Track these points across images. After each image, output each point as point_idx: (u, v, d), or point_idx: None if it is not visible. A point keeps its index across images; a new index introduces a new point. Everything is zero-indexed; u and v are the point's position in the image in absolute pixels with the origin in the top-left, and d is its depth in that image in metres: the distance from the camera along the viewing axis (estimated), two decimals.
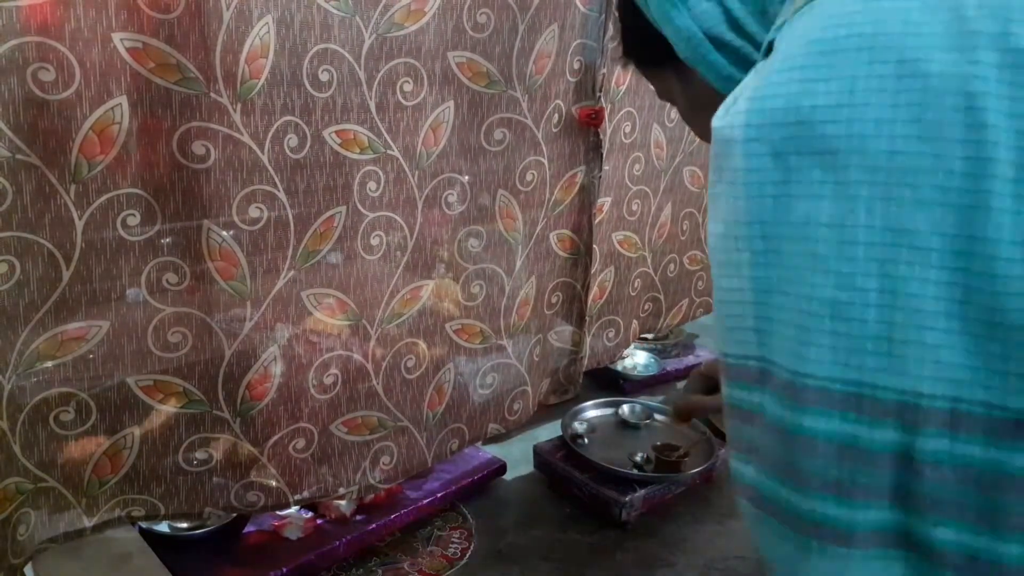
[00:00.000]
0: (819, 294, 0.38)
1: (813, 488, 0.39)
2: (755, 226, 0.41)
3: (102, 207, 0.82)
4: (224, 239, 0.89)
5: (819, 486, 0.39)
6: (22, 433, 0.84)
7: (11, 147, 0.75)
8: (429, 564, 1.14)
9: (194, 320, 0.91)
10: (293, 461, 1.03)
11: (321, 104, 0.92)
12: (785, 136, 0.39)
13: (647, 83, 1.51)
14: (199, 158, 0.85)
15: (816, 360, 0.39)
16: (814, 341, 0.39)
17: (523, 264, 1.22)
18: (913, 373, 0.37)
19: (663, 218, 1.50)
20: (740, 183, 0.41)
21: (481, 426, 1.25)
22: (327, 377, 1.03)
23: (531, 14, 1.08)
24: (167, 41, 0.80)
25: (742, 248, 0.41)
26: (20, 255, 0.79)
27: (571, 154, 1.24)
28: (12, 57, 0.73)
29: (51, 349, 0.84)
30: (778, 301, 0.41)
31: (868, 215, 0.37)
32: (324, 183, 0.95)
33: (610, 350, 1.49)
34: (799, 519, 0.40)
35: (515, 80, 1.10)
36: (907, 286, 0.37)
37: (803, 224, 0.39)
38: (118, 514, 0.94)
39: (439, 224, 1.10)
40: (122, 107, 0.80)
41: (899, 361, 0.37)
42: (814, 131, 0.38)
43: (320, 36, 0.90)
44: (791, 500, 0.40)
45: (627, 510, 1.22)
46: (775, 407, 0.41)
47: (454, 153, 1.08)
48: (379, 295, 1.06)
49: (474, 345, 1.20)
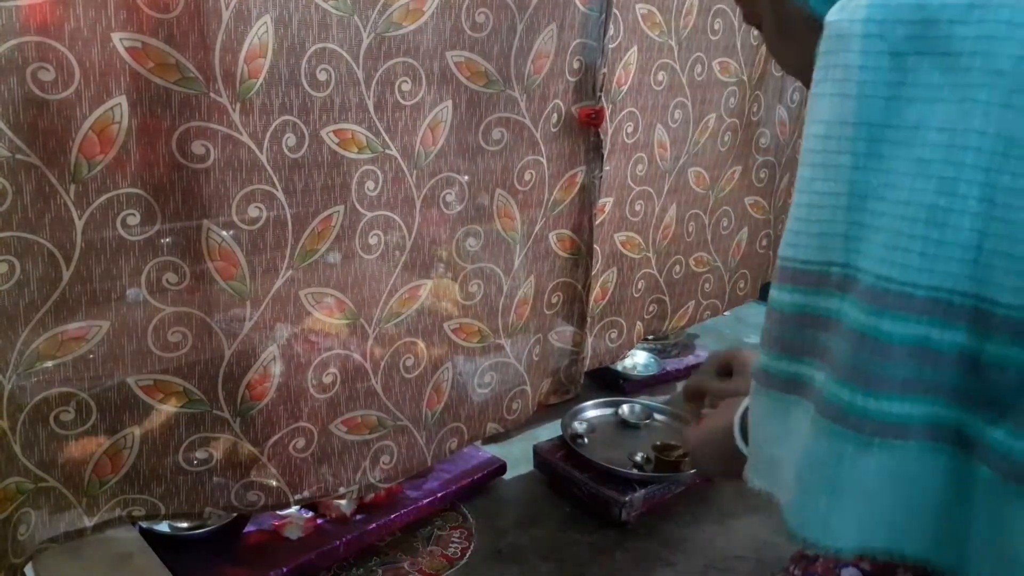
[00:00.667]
0: (918, 199, 0.39)
1: (882, 389, 0.41)
2: (862, 128, 0.41)
3: (102, 207, 0.83)
4: (224, 239, 0.89)
5: (887, 387, 0.41)
6: (22, 433, 0.85)
7: (11, 147, 0.76)
8: (429, 564, 1.14)
9: (194, 320, 0.91)
10: (293, 461, 1.03)
11: (319, 103, 0.92)
12: (908, 35, 0.39)
13: (650, 82, 1.50)
14: (198, 158, 0.85)
15: (902, 264, 0.40)
16: (903, 246, 0.39)
17: (522, 263, 1.22)
18: (996, 283, 0.38)
19: (667, 219, 1.49)
20: (853, 81, 0.41)
21: (480, 425, 1.25)
22: (326, 376, 1.04)
23: (529, 13, 1.08)
24: (166, 41, 0.80)
25: (844, 150, 0.41)
26: (20, 255, 0.79)
27: (571, 154, 1.24)
28: (12, 57, 0.73)
29: (51, 349, 0.84)
30: (873, 207, 0.41)
31: (983, 120, 0.37)
32: (322, 182, 0.96)
33: (613, 351, 1.49)
34: (863, 418, 0.41)
35: (513, 80, 1.10)
36: (1008, 197, 0.37)
37: (913, 128, 0.39)
38: (118, 514, 0.94)
39: (437, 223, 1.10)
40: (122, 107, 0.80)
41: (985, 270, 0.38)
42: (939, 31, 0.38)
43: (318, 35, 0.90)
44: (855, 402, 0.42)
45: (627, 510, 1.23)
46: (856, 313, 0.42)
47: (452, 152, 1.08)
48: (377, 294, 1.06)
49: (472, 344, 1.20)
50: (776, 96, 1.61)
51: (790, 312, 0.45)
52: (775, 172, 1.68)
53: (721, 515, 1.31)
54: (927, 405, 0.41)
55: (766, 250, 1.75)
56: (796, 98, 1.65)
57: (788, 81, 1.62)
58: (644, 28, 1.28)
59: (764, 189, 1.67)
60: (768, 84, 1.58)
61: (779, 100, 1.62)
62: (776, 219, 1.75)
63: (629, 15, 1.24)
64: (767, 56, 1.54)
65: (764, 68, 1.55)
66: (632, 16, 1.25)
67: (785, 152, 1.69)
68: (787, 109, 1.64)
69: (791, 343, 0.46)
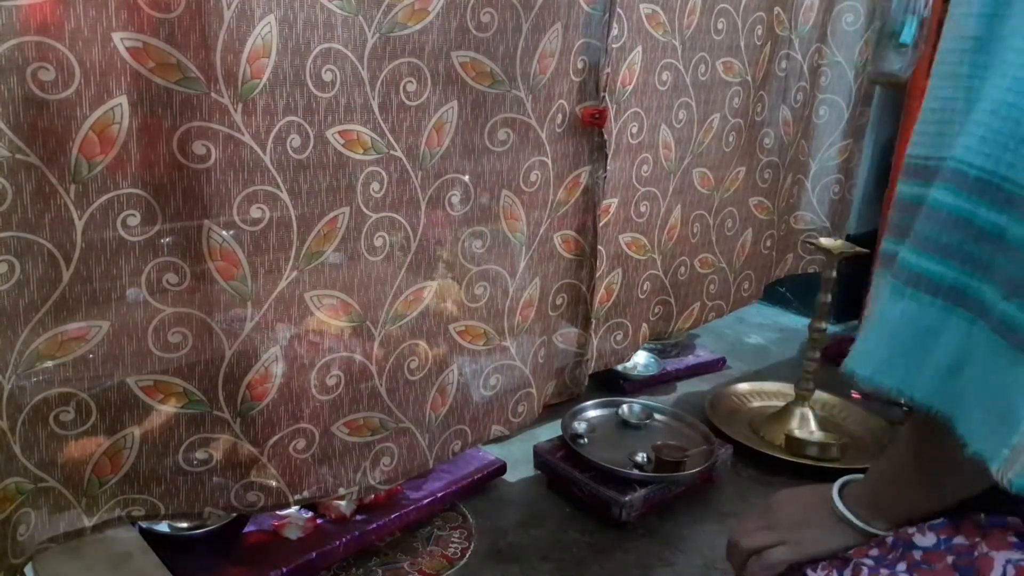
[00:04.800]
0: (993, 94, 0.46)
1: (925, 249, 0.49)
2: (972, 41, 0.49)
3: (102, 207, 0.82)
4: (225, 239, 0.89)
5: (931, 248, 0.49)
6: (22, 433, 0.84)
7: (11, 147, 0.75)
8: (429, 564, 1.14)
9: (194, 320, 0.91)
10: (293, 461, 1.03)
11: (324, 104, 0.91)
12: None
13: (655, 83, 1.49)
14: (199, 158, 0.84)
15: (963, 146, 0.47)
16: (970, 131, 0.47)
17: (527, 265, 1.22)
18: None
19: (672, 220, 1.48)
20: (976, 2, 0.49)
21: (484, 427, 1.25)
22: (329, 378, 1.03)
23: (535, 13, 1.07)
24: (167, 40, 0.79)
25: (965, 61, 0.49)
26: (20, 255, 0.79)
27: (575, 154, 1.24)
28: (12, 57, 0.72)
29: (51, 349, 0.83)
30: (980, 107, 0.48)
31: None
32: (327, 184, 0.95)
33: (618, 352, 1.48)
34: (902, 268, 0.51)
35: (519, 80, 1.09)
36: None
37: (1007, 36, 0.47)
38: (118, 514, 0.94)
39: (442, 225, 1.09)
40: (122, 107, 0.79)
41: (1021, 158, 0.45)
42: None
43: (323, 36, 0.89)
44: (903, 254, 0.51)
45: (627, 510, 1.23)
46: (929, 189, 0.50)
47: (457, 153, 1.07)
48: (382, 296, 1.05)
49: (477, 346, 1.19)
50: (780, 96, 1.60)
51: (908, 200, 0.54)
52: (779, 173, 1.68)
53: (721, 515, 1.31)
54: (956, 271, 0.48)
55: (770, 251, 1.75)
56: (799, 98, 1.64)
57: (791, 81, 1.61)
58: (648, 28, 1.27)
59: (768, 189, 1.67)
60: (772, 84, 1.57)
61: (783, 100, 1.62)
62: (780, 220, 1.74)
63: (633, 15, 1.23)
64: (771, 56, 1.54)
65: (768, 68, 1.54)
66: (636, 16, 1.24)
67: (789, 152, 1.68)
68: (791, 109, 1.64)
69: (899, 226, 0.54)
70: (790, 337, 2.07)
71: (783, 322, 2.19)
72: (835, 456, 1.42)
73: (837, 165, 1.75)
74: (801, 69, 1.61)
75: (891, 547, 0.56)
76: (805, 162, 1.73)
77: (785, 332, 2.12)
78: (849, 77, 1.67)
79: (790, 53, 1.58)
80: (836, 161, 1.74)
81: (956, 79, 0.50)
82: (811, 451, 1.42)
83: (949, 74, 0.51)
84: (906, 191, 0.54)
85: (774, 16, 1.50)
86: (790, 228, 1.78)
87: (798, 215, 1.78)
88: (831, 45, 1.63)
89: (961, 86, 0.50)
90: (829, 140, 1.73)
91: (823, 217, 1.79)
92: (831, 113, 1.70)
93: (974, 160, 0.46)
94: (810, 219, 1.79)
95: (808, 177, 1.75)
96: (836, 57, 1.65)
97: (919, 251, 0.50)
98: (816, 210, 1.78)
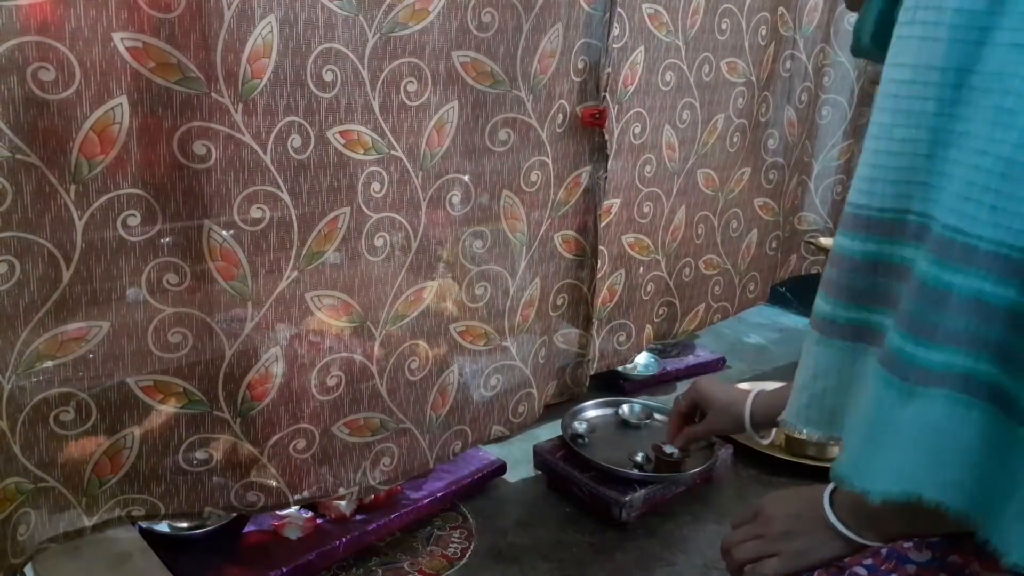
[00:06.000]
0: (996, 150, 0.38)
1: (934, 339, 0.41)
2: (950, 73, 0.39)
3: (102, 207, 0.82)
4: (225, 239, 0.89)
5: (939, 337, 0.41)
6: (22, 433, 0.84)
7: (11, 147, 0.75)
8: (429, 564, 1.14)
9: (195, 320, 0.90)
10: (293, 461, 1.03)
11: (325, 104, 0.91)
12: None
13: (658, 83, 1.49)
14: (200, 158, 0.84)
15: (972, 217, 0.39)
16: (976, 198, 0.39)
17: (527, 265, 1.21)
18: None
19: (676, 221, 1.48)
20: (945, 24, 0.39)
21: (485, 428, 1.25)
22: (330, 378, 1.03)
23: (535, 13, 1.07)
24: (168, 40, 0.79)
25: (929, 96, 0.40)
26: (20, 255, 0.79)
27: (575, 154, 1.23)
28: (12, 57, 0.72)
29: (51, 349, 0.83)
30: (953, 155, 0.40)
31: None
32: (328, 184, 0.95)
33: (621, 354, 1.48)
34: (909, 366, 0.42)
35: (519, 80, 1.09)
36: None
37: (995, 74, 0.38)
38: (118, 514, 0.94)
39: (443, 225, 1.09)
40: (122, 107, 0.79)
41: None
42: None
43: (324, 36, 0.89)
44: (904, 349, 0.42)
45: (627, 510, 1.22)
46: (925, 264, 0.41)
47: (458, 153, 1.07)
48: (383, 297, 1.05)
49: (478, 347, 1.19)
50: (784, 97, 1.60)
51: (862, 260, 0.45)
52: (784, 173, 1.67)
53: (721, 515, 1.31)
54: (968, 358, 0.40)
55: (775, 252, 1.75)
56: (804, 99, 1.64)
57: (796, 81, 1.61)
58: (651, 28, 1.27)
59: (773, 191, 1.66)
60: (776, 85, 1.57)
61: (787, 101, 1.61)
62: (785, 221, 1.74)
63: (635, 15, 1.23)
64: (774, 56, 1.53)
65: (772, 68, 1.54)
66: (639, 16, 1.24)
67: (793, 153, 1.67)
68: (795, 110, 1.63)
69: (863, 292, 0.45)
70: (790, 337, 2.06)
71: (783, 322, 2.18)
72: (835, 456, 1.42)
73: (839, 166, 1.74)
74: (806, 69, 1.61)
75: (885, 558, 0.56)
76: (809, 163, 1.73)
77: (785, 332, 2.11)
78: (852, 77, 1.67)
79: (794, 53, 1.58)
80: (838, 162, 1.74)
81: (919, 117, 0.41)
82: (811, 451, 1.42)
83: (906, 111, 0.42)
84: (858, 248, 0.45)
85: (778, 16, 1.49)
86: (794, 229, 1.78)
87: (802, 216, 1.78)
88: (835, 45, 1.63)
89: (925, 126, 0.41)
90: (831, 141, 1.72)
91: (826, 218, 1.78)
92: (834, 113, 1.70)
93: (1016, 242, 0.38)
94: (813, 220, 1.79)
95: (811, 178, 1.75)
96: (839, 57, 1.64)
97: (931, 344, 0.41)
98: (819, 211, 1.78)
